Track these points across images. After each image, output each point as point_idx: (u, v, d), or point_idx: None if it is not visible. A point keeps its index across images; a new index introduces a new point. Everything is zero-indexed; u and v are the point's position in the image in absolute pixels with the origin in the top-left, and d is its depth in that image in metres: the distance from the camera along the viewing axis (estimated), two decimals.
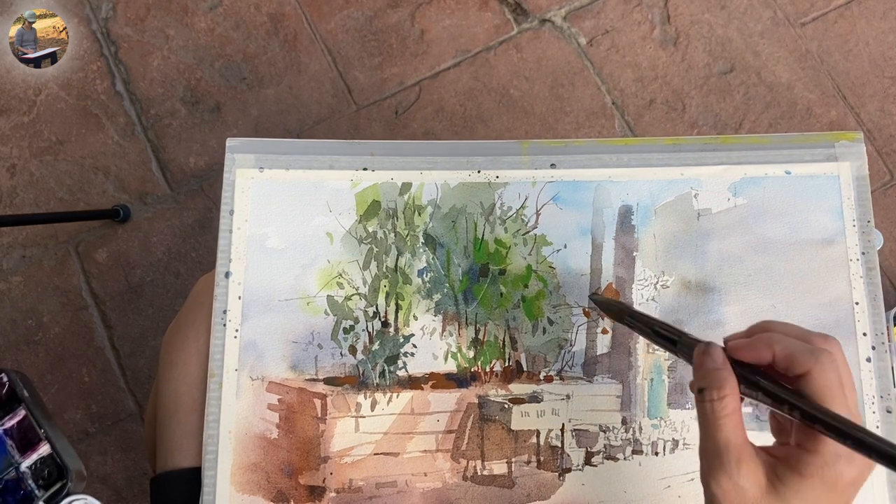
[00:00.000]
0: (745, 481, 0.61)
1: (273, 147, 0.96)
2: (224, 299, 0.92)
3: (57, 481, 0.86)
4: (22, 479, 0.86)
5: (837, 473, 0.59)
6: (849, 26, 2.11)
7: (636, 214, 0.95)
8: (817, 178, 0.95)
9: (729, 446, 0.62)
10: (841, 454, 0.59)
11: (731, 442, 0.62)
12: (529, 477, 0.90)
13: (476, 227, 0.95)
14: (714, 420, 0.63)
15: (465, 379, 0.92)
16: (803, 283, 0.92)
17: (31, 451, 0.87)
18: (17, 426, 0.88)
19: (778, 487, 0.61)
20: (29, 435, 0.88)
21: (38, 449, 0.87)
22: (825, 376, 0.60)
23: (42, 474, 0.86)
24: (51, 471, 0.86)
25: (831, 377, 0.60)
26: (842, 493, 0.60)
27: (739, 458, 0.61)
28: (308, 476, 0.89)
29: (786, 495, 0.61)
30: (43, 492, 0.86)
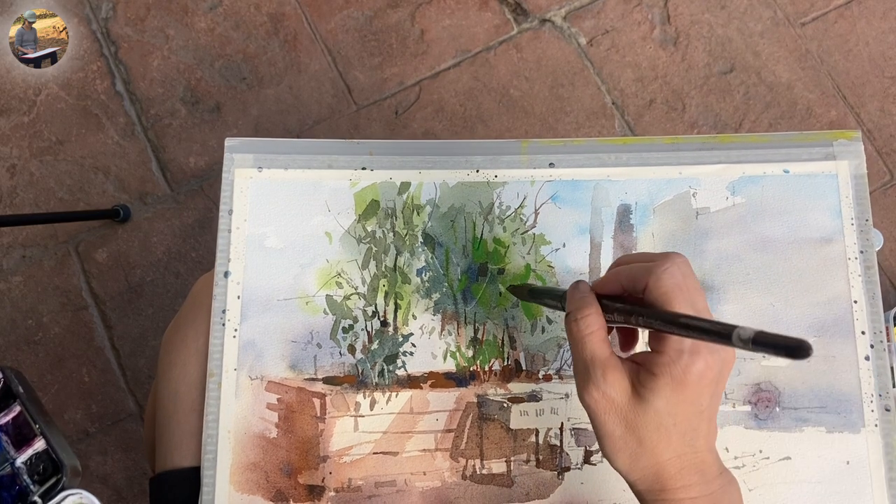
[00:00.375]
0: (612, 390, 0.67)
1: (272, 147, 0.96)
2: (223, 299, 0.92)
3: (52, 476, 0.86)
4: (17, 474, 0.86)
5: (683, 367, 0.64)
6: (849, 26, 2.11)
7: (635, 213, 0.95)
8: (815, 177, 0.95)
9: (594, 360, 0.69)
10: (683, 350, 0.65)
11: (597, 356, 0.69)
12: (528, 476, 0.90)
13: (475, 227, 0.95)
14: (580, 338, 0.70)
15: (464, 378, 0.92)
16: (802, 282, 0.93)
17: (27, 447, 0.87)
18: (12, 422, 0.88)
19: (640, 390, 0.67)
20: (24, 431, 0.88)
21: (34, 444, 0.87)
22: (660, 284, 0.66)
23: (37, 469, 0.87)
24: (46, 466, 0.86)
25: (666, 283, 0.66)
26: (695, 387, 0.65)
27: (605, 370, 0.68)
28: (307, 475, 0.89)
29: (646, 396, 0.66)
30: (38, 487, 0.86)
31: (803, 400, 0.90)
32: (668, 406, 0.66)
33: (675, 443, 0.67)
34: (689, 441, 0.68)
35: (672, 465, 0.68)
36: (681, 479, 0.68)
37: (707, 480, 0.68)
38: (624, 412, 0.67)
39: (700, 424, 0.68)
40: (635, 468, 0.69)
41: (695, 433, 0.68)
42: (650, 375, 0.66)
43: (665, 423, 0.66)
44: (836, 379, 0.91)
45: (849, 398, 0.90)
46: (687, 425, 0.67)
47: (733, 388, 0.91)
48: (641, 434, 0.67)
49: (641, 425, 0.67)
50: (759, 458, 0.89)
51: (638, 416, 0.67)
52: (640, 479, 0.69)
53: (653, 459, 0.68)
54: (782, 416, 0.90)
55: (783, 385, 0.91)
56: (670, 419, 0.66)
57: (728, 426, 0.90)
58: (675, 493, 0.68)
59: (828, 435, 0.90)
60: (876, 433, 0.89)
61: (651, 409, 0.66)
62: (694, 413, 0.67)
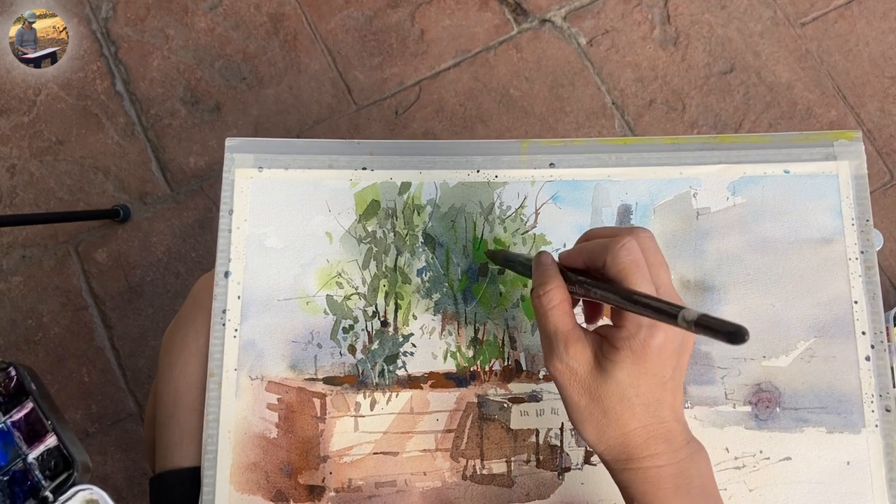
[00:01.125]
0: (574, 361, 0.70)
1: (272, 147, 0.96)
2: (223, 299, 0.92)
3: (63, 472, 0.86)
4: (29, 469, 0.87)
5: (643, 340, 0.67)
6: (849, 26, 2.11)
7: (635, 213, 0.95)
8: (816, 177, 0.95)
9: (558, 333, 0.71)
10: (643, 323, 0.67)
11: (560, 328, 0.71)
12: (528, 476, 0.90)
13: (475, 227, 0.95)
14: (544, 312, 0.72)
15: (464, 378, 0.92)
16: (802, 282, 0.93)
17: (38, 443, 0.87)
18: (25, 419, 0.89)
19: (602, 362, 0.69)
20: (36, 427, 0.88)
21: (45, 441, 0.87)
22: (617, 261, 0.68)
23: (49, 465, 0.87)
24: (57, 462, 0.87)
25: (623, 260, 0.68)
26: (655, 359, 0.68)
27: (567, 342, 0.70)
28: (307, 475, 0.89)
29: (608, 368, 0.68)
30: (49, 482, 0.86)
31: (804, 400, 0.90)
32: (630, 378, 0.68)
33: (639, 413, 0.69)
34: (653, 412, 0.70)
35: (638, 434, 0.70)
36: (647, 448, 0.70)
37: (674, 449, 0.70)
38: (587, 383, 0.70)
39: (664, 395, 0.70)
40: (602, 439, 0.71)
41: (659, 404, 0.70)
42: (612, 348, 0.68)
43: (628, 394, 0.69)
44: (837, 379, 0.90)
45: (849, 398, 0.90)
46: (650, 396, 0.69)
47: (734, 389, 0.91)
48: (606, 405, 0.69)
49: (605, 396, 0.69)
50: (760, 459, 0.89)
51: (601, 388, 0.69)
52: (608, 450, 0.71)
53: (619, 430, 0.70)
54: (782, 417, 0.90)
55: (783, 385, 0.91)
56: (633, 390, 0.68)
57: (728, 426, 0.90)
58: (641, 461, 0.70)
59: (828, 435, 0.90)
60: (876, 433, 0.89)
61: (613, 380, 0.68)
62: (656, 384, 0.69)
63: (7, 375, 0.91)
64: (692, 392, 0.91)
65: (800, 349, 0.91)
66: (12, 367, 0.91)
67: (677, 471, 0.70)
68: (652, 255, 0.71)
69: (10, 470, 0.88)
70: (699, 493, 0.70)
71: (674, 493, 0.69)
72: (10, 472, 0.88)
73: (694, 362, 0.91)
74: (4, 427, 0.89)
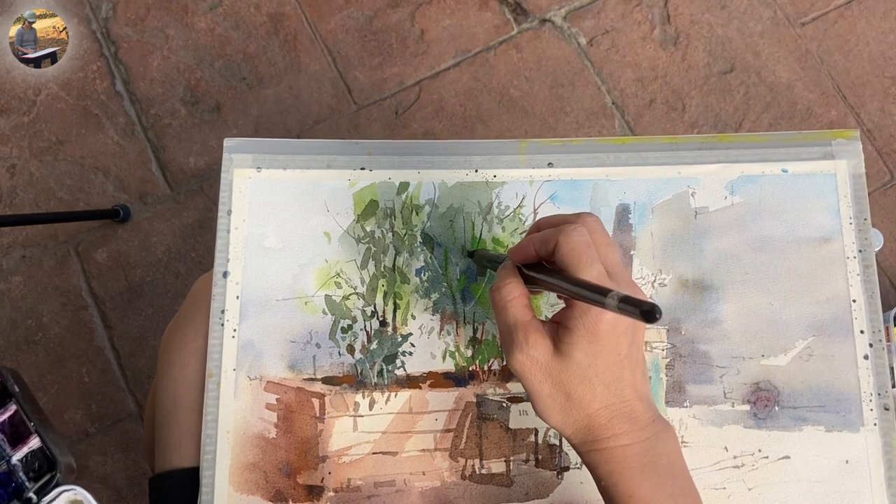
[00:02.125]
0: (534, 350, 0.71)
1: (270, 147, 0.96)
2: (222, 299, 0.92)
3: (47, 473, 0.87)
4: (13, 471, 0.87)
5: (594, 319, 0.68)
6: (849, 26, 2.11)
7: (633, 213, 0.95)
8: (814, 176, 0.95)
9: (517, 324, 0.72)
10: None
11: (519, 320, 0.72)
12: (528, 475, 0.90)
13: (474, 227, 0.95)
14: (503, 306, 0.74)
15: (463, 378, 0.92)
16: (800, 281, 0.93)
17: (22, 445, 0.88)
18: (8, 421, 0.89)
19: (560, 346, 0.70)
20: (19, 429, 0.89)
21: (29, 442, 0.88)
22: (567, 242, 0.70)
23: (32, 467, 0.87)
24: (41, 463, 0.87)
25: (574, 241, 0.70)
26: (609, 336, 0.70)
27: (527, 332, 0.71)
28: (306, 475, 0.89)
29: (566, 350, 0.70)
30: (33, 483, 0.86)
31: (802, 399, 0.90)
32: (588, 357, 0.70)
33: (600, 393, 0.71)
34: (615, 391, 0.71)
35: (601, 415, 0.71)
36: (611, 427, 0.71)
37: (639, 428, 0.71)
38: (549, 369, 0.71)
39: (622, 373, 0.71)
40: (567, 422, 0.72)
41: (619, 382, 0.71)
42: (567, 330, 0.70)
43: (587, 374, 0.70)
44: (835, 378, 0.90)
45: (848, 397, 0.90)
46: (609, 375, 0.71)
47: (732, 388, 0.91)
48: (568, 388, 0.71)
49: (566, 380, 0.71)
50: (759, 458, 0.89)
51: (562, 372, 0.70)
52: (574, 433, 0.73)
53: (582, 412, 0.71)
54: (781, 416, 0.90)
55: (782, 384, 0.91)
56: (591, 370, 0.70)
57: (727, 425, 0.90)
58: (606, 441, 0.71)
59: (827, 434, 0.89)
60: (875, 432, 0.89)
61: (573, 362, 0.70)
62: (614, 362, 0.71)
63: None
64: (691, 391, 0.91)
65: (798, 348, 0.91)
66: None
67: (642, 449, 0.71)
68: (599, 236, 0.73)
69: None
70: (666, 472, 0.71)
71: (640, 472, 0.71)
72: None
73: (693, 361, 0.91)
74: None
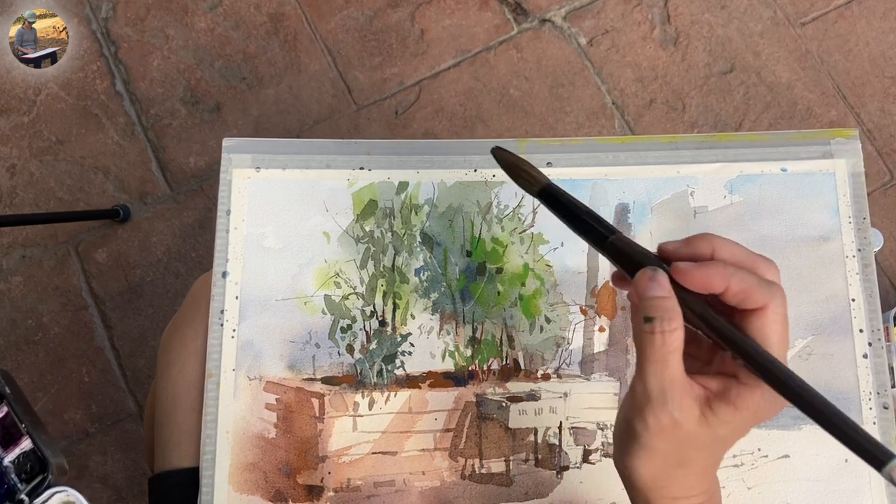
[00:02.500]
0: (682, 414, 0.59)
1: (270, 147, 0.96)
2: (221, 299, 0.92)
3: (38, 475, 0.87)
4: (5, 473, 0.87)
5: (758, 402, 0.59)
6: (849, 26, 2.11)
7: (633, 212, 0.95)
8: (813, 176, 0.95)
9: (675, 382, 0.60)
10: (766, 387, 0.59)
11: (677, 378, 0.60)
12: (527, 475, 0.90)
13: (473, 226, 0.95)
14: (663, 355, 0.60)
15: (462, 377, 0.92)
16: (799, 281, 0.93)
17: (13, 446, 0.88)
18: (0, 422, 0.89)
19: (710, 418, 0.60)
20: (11, 430, 0.89)
21: (20, 444, 0.88)
22: (778, 312, 0.60)
23: (24, 468, 0.87)
24: (33, 465, 0.87)
25: (782, 313, 0.60)
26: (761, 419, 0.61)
27: (683, 393, 0.60)
28: (306, 475, 0.89)
29: (715, 425, 0.60)
30: (25, 485, 0.86)
31: None
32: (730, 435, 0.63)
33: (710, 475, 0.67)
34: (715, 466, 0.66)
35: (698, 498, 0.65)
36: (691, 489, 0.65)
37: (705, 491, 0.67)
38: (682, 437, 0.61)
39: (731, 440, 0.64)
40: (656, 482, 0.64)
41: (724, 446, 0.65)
42: (730, 407, 0.60)
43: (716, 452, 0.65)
44: (834, 377, 0.91)
45: (847, 396, 0.90)
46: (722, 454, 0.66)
47: None
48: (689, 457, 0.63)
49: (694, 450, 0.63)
50: (758, 457, 0.89)
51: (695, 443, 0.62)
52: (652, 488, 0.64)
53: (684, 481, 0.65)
54: (780, 415, 0.90)
55: None
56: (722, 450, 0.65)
57: None
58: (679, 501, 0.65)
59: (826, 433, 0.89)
60: (874, 431, 0.89)
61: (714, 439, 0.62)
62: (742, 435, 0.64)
63: None
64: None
65: (797, 347, 0.91)
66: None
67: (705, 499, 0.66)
68: None
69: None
70: None
71: None
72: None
73: None
74: None
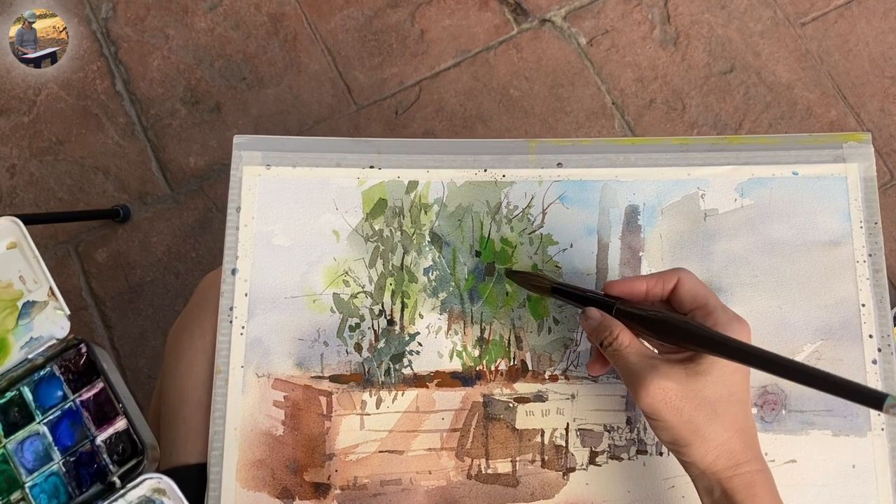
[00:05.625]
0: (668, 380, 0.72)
1: (280, 144, 0.96)
2: (230, 296, 0.92)
3: (131, 458, 0.86)
4: (97, 452, 0.87)
5: None
6: (849, 26, 2.12)
7: (642, 214, 0.95)
8: (825, 179, 0.95)
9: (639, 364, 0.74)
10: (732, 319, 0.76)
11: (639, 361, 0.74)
12: (533, 476, 0.90)
13: (482, 226, 0.95)
14: (620, 356, 0.76)
15: (470, 377, 0.92)
16: (809, 285, 0.92)
17: (108, 426, 0.88)
18: (94, 399, 0.89)
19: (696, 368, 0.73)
20: (105, 408, 0.88)
21: (115, 423, 0.87)
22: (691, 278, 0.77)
23: (117, 449, 0.87)
24: (126, 447, 0.87)
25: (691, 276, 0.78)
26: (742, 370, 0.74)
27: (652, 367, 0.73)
28: (313, 473, 0.89)
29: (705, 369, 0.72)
30: (117, 468, 0.86)
31: (809, 403, 0.90)
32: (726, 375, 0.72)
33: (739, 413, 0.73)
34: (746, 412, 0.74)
35: (740, 437, 0.72)
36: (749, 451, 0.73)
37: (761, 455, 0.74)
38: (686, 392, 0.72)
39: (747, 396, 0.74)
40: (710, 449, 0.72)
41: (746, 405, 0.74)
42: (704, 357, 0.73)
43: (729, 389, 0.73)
44: None
45: None
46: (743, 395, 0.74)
47: None
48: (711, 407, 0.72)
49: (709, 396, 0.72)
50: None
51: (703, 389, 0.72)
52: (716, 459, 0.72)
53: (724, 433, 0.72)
54: (788, 419, 0.90)
55: (789, 388, 0.91)
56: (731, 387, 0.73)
57: None
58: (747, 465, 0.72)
59: (834, 438, 0.89)
60: (882, 437, 0.89)
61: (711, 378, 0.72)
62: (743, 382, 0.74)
63: (78, 352, 0.91)
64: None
65: (806, 351, 0.91)
66: (84, 344, 0.91)
67: (770, 478, 0.73)
68: None
69: (78, 451, 0.88)
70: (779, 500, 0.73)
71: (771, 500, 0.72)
72: (78, 454, 0.88)
73: None
74: (73, 406, 0.89)
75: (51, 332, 0.91)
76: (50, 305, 0.90)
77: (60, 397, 0.90)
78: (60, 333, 0.91)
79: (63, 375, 0.90)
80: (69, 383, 0.90)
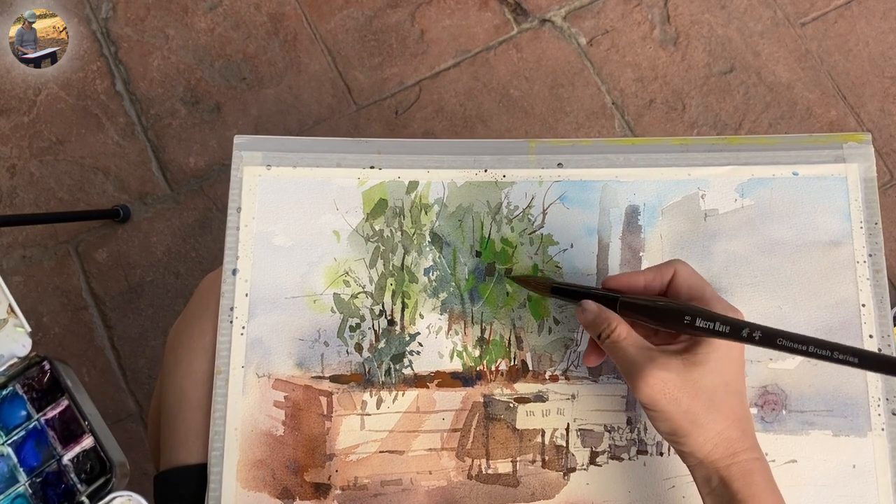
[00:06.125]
0: (666, 371, 0.73)
1: (280, 145, 0.96)
2: (231, 296, 0.92)
3: (100, 476, 0.85)
4: (64, 472, 0.86)
5: None
6: (849, 26, 2.12)
7: (643, 215, 0.95)
8: (825, 180, 0.95)
9: (638, 356, 0.75)
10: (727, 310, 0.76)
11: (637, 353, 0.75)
12: (534, 476, 0.90)
13: (482, 226, 0.95)
14: (618, 349, 0.77)
15: (470, 378, 0.92)
16: (810, 285, 0.92)
17: (74, 444, 0.86)
18: (59, 417, 0.88)
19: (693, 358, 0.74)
20: (71, 426, 0.87)
21: (82, 441, 0.86)
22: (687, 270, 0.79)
23: (84, 468, 0.86)
24: (94, 465, 0.85)
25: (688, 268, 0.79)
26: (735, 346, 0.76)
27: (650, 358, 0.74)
28: (313, 473, 0.89)
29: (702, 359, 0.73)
30: (85, 486, 0.85)
31: (810, 403, 0.90)
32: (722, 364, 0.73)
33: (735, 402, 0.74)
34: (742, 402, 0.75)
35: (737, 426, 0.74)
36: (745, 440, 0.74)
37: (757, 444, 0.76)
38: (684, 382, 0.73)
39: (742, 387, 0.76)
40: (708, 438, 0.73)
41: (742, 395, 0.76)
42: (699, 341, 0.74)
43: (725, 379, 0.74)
44: (843, 382, 0.90)
45: (856, 402, 0.90)
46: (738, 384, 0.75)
47: None
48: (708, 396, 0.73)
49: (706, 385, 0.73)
50: None
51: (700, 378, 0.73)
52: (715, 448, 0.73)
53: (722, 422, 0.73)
54: (788, 419, 0.90)
55: (790, 388, 0.91)
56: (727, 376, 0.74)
57: None
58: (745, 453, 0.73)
59: (834, 438, 0.89)
60: (882, 437, 0.89)
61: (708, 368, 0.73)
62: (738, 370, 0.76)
63: (41, 370, 0.90)
64: None
65: None
66: (46, 361, 0.90)
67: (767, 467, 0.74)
68: None
69: (44, 471, 0.87)
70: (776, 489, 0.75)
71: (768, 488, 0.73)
72: (44, 474, 0.87)
73: None
74: (38, 425, 0.88)
75: (12, 350, 0.90)
76: (10, 323, 0.89)
77: (24, 417, 0.89)
78: (22, 351, 0.90)
79: (26, 394, 0.89)
80: (33, 402, 0.89)
